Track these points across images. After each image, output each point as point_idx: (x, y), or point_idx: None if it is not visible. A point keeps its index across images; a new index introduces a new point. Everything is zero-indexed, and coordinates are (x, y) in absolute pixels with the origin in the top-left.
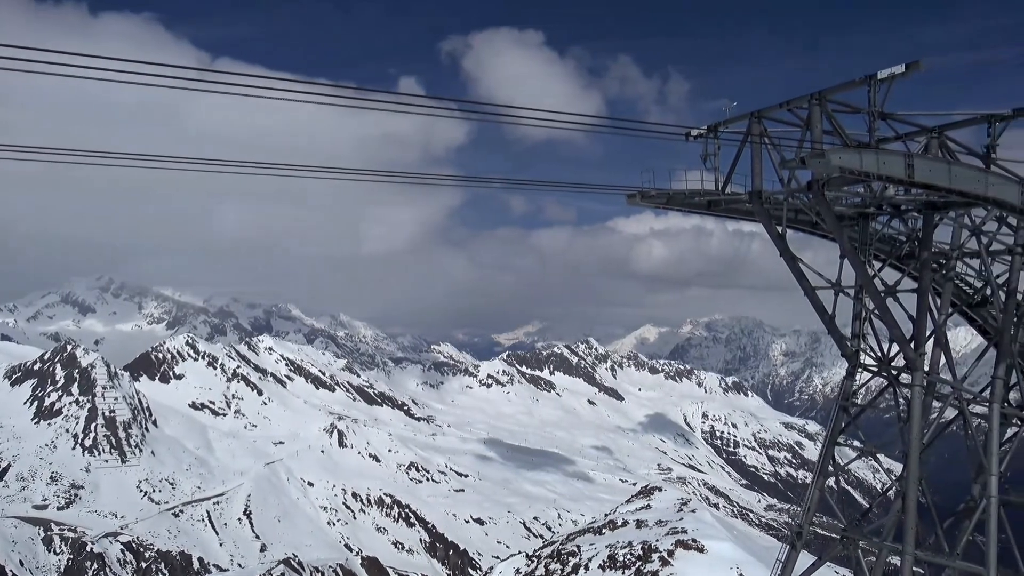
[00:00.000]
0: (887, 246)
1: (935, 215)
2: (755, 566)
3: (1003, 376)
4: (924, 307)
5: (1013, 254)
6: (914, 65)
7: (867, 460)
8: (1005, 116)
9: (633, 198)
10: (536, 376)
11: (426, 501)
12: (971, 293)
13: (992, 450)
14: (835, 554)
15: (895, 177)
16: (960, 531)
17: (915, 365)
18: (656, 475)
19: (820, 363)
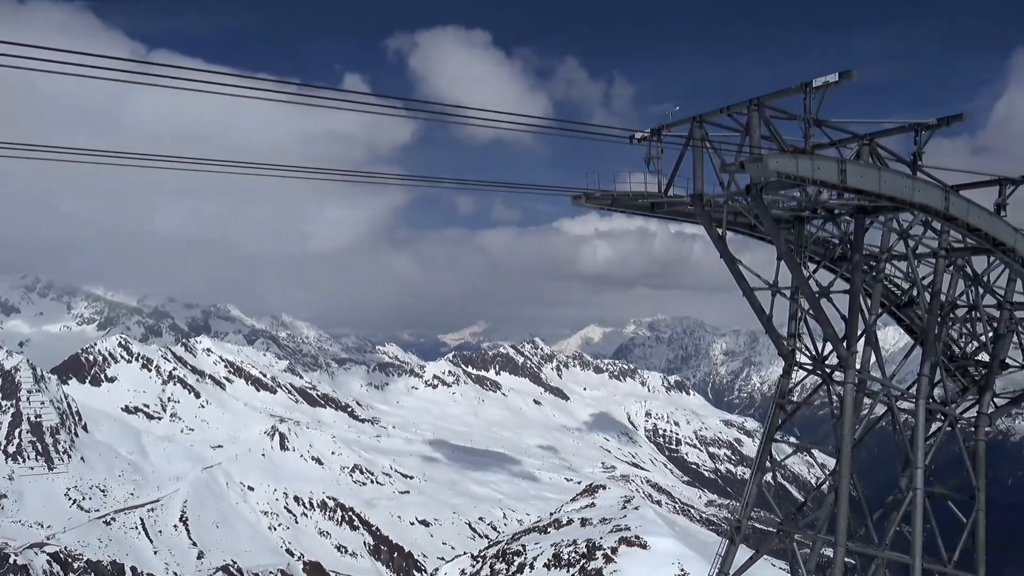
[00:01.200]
0: (821, 248)
1: (866, 219)
2: (696, 561)
3: (928, 374)
4: (855, 307)
5: (937, 257)
6: (847, 74)
7: (802, 456)
8: (930, 125)
9: (578, 199)
10: (482, 376)
11: (370, 503)
12: (899, 294)
13: (918, 444)
14: (772, 547)
15: (829, 182)
16: (889, 522)
17: (847, 363)
18: (600, 473)
19: (758, 362)
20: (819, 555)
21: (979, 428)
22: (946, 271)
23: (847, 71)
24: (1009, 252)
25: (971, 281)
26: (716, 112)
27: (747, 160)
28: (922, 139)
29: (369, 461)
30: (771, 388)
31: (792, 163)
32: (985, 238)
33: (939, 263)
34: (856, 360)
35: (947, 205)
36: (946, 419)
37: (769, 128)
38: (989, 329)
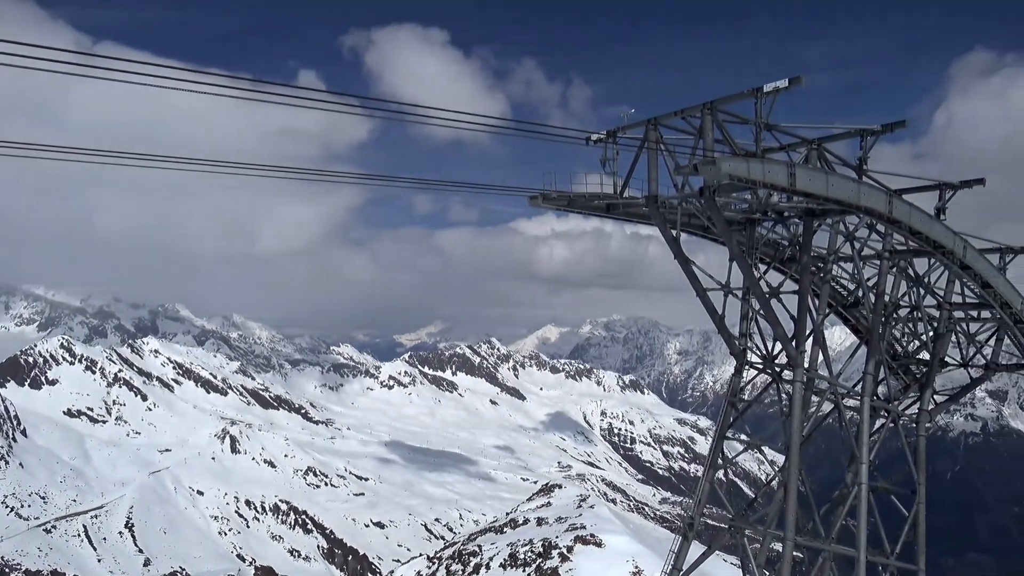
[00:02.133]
0: (771, 250)
1: (814, 221)
2: (650, 558)
3: (872, 372)
4: (804, 308)
5: (881, 259)
6: (796, 80)
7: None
8: (875, 131)
9: (535, 200)
10: (438, 377)
11: (324, 506)
12: (845, 295)
13: (863, 440)
14: (724, 543)
15: (779, 185)
16: (835, 516)
17: (796, 362)
18: (556, 473)
19: (711, 361)
20: (769, 550)
21: (920, 424)
22: (889, 273)
23: (796, 77)
24: (948, 254)
25: (913, 282)
26: (670, 115)
27: (701, 163)
28: (867, 144)
29: (323, 463)
30: (723, 387)
31: (744, 166)
32: (926, 241)
33: (883, 265)
34: (804, 359)
35: (890, 209)
36: (889, 416)
37: (722, 132)
38: (930, 329)
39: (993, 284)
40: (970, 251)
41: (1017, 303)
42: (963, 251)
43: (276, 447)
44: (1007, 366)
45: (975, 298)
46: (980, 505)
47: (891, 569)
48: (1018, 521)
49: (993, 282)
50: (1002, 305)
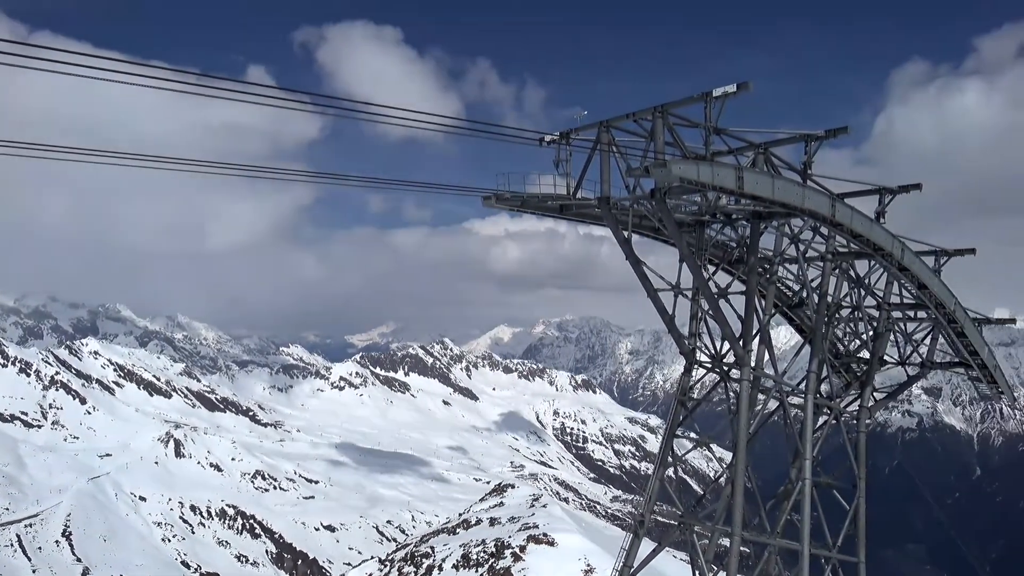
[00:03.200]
0: (720, 251)
1: (761, 224)
2: (602, 556)
3: (816, 370)
4: (751, 308)
5: (825, 260)
6: (744, 85)
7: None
8: (819, 136)
9: (489, 200)
10: (390, 377)
11: (273, 510)
12: (790, 295)
13: (807, 437)
14: (673, 539)
15: (727, 188)
16: (780, 511)
17: (743, 361)
18: (509, 473)
19: (662, 360)
20: (716, 545)
21: (860, 421)
22: (832, 274)
23: (744, 83)
24: (887, 257)
25: (854, 283)
26: (622, 117)
27: (652, 165)
28: (811, 149)
29: (272, 466)
30: (673, 386)
31: (694, 169)
32: (866, 243)
33: (826, 266)
34: (751, 358)
35: (833, 212)
36: (832, 413)
37: (672, 135)
38: (869, 328)
39: (928, 285)
40: (907, 253)
41: (951, 303)
42: (901, 253)
43: (223, 450)
44: (941, 364)
45: (912, 299)
46: (916, 498)
47: (833, 561)
48: (951, 512)
49: (929, 283)
50: (937, 305)
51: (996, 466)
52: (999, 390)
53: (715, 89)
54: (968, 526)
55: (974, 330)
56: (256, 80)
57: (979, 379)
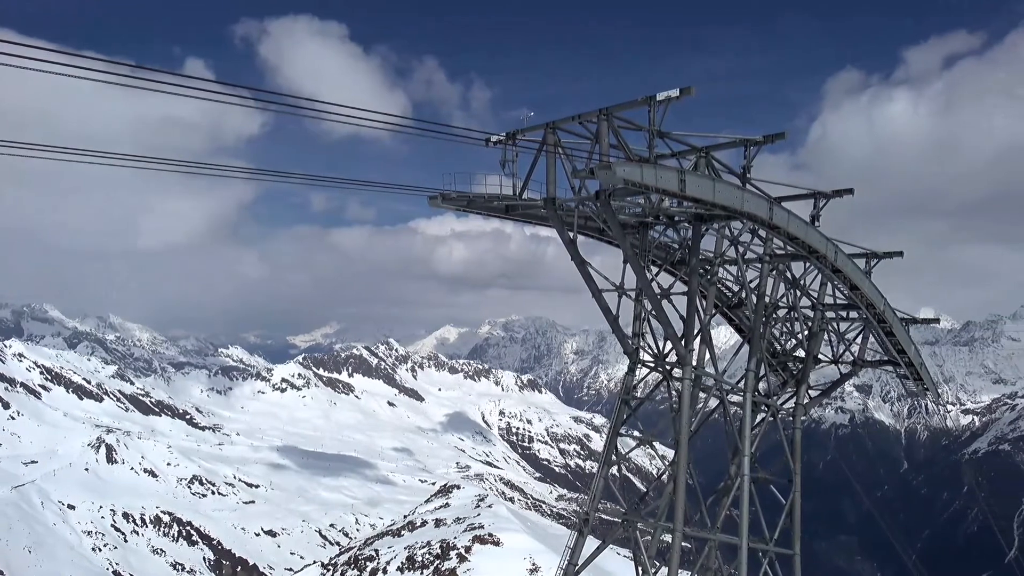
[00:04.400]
0: (663, 253)
1: (702, 226)
2: (547, 554)
3: (754, 369)
4: (693, 308)
5: (763, 262)
6: (686, 90)
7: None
8: (757, 141)
9: (435, 200)
10: (334, 379)
11: (211, 516)
12: (730, 296)
13: (745, 434)
14: (617, 536)
15: (670, 191)
16: (720, 507)
17: (685, 361)
18: (455, 473)
19: (606, 360)
20: (659, 541)
21: (796, 418)
22: (770, 275)
23: (687, 87)
24: (821, 259)
25: (790, 285)
26: (568, 119)
27: (597, 167)
28: (750, 154)
29: (210, 471)
30: (617, 385)
31: (638, 171)
32: (802, 246)
33: (764, 268)
34: (693, 357)
35: (771, 215)
36: (769, 410)
37: (617, 137)
38: (805, 328)
39: (860, 286)
40: (840, 256)
41: (880, 304)
42: (834, 256)
43: (158, 455)
44: (872, 362)
45: (844, 299)
46: (848, 491)
47: (770, 554)
48: (880, 505)
49: (860, 284)
50: (868, 306)
51: (921, 460)
52: (924, 387)
53: (658, 93)
54: (896, 518)
55: (902, 329)
56: (195, 73)
57: (906, 376)
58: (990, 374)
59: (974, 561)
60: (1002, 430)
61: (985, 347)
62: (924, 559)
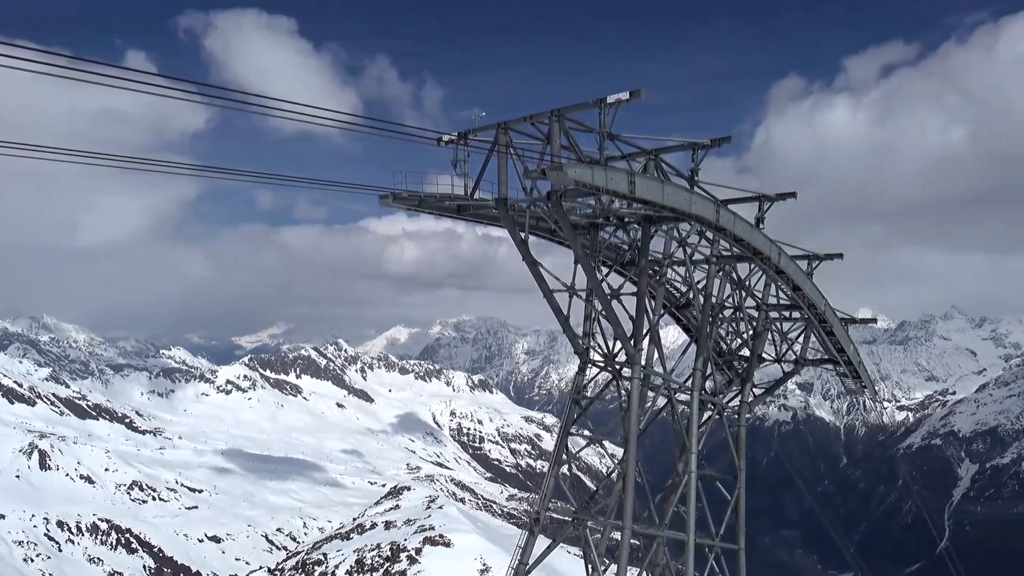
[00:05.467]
0: (613, 254)
1: (651, 227)
2: (498, 554)
3: (701, 368)
4: (642, 308)
5: (710, 263)
6: (636, 93)
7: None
8: (705, 145)
9: (385, 199)
10: (281, 380)
11: (152, 523)
12: (678, 296)
13: (692, 432)
14: (567, 535)
15: (620, 192)
16: (667, 504)
17: (634, 360)
18: (405, 475)
19: (557, 360)
20: (608, 539)
21: (741, 415)
22: (716, 276)
23: (636, 90)
24: (766, 260)
25: (736, 285)
26: (520, 120)
27: (548, 168)
28: (698, 157)
29: (151, 476)
30: (568, 385)
31: (588, 173)
32: (747, 247)
33: (711, 269)
34: (642, 357)
35: (718, 217)
36: (715, 408)
37: (568, 139)
38: (750, 328)
39: (802, 287)
40: (784, 257)
41: (821, 304)
42: (778, 257)
43: (95, 461)
44: (813, 361)
45: (787, 300)
46: (790, 486)
47: (716, 550)
48: (821, 499)
49: (802, 285)
50: (809, 306)
51: (859, 455)
52: (863, 384)
53: (609, 96)
54: (835, 512)
55: (841, 329)
56: (136, 66)
57: (846, 375)
58: (923, 372)
59: (909, 552)
60: (934, 425)
61: (919, 346)
62: (862, 551)
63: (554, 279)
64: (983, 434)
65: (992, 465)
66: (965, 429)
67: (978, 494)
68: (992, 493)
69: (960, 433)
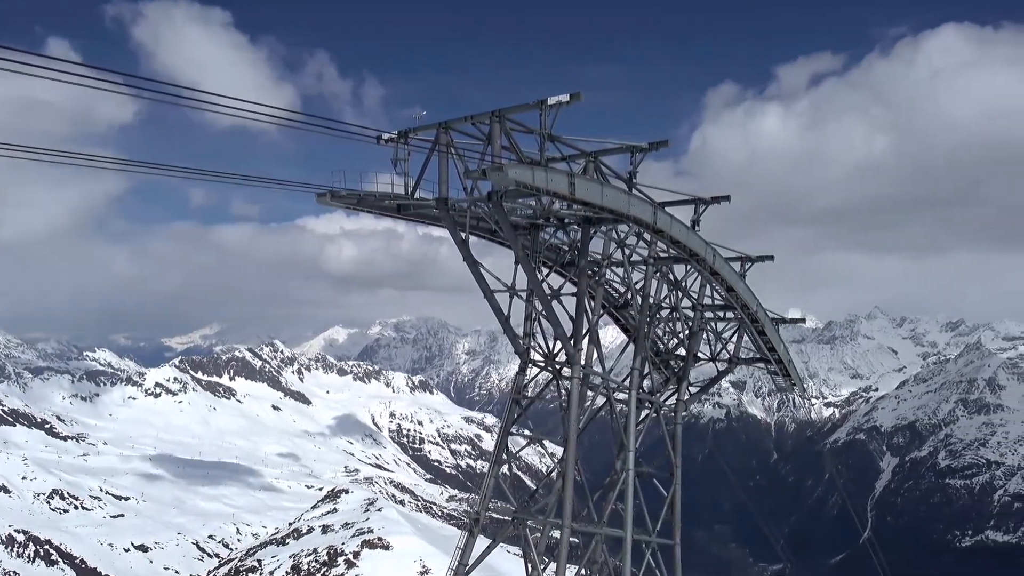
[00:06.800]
0: (553, 254)
1: (591, 228)
2: (437, 556)
3: (639, 367)
4: (581, 309)
5: (647, 264)
6: (576, 96)
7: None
8: (643, 148)
9: (323, 197)
10: (214, 383)
11: (74, 533)
12: (617, 297)
13: (630, 430)
14: (507, 535)
15: (560, 193)
16: (606, 501)
17: (574, 360)
18: (344, 478)
19: (498, 360)
20: (548, 537)
21: (677, 413)
22: (653, 277)
23: (576, 93)
24: (701, 262)
25: (672, 286)
26: (461, 120)
27: (489, 168)
28: (636, 160)
29: (73, 484)
30: (509, 385)
31: (529, 173)
32: (684, 249)
33: (648, 270)
34: (581, 357)
35: (655, 219)
36: (653, 407)
37: (509, 139)
38: (686, 328)
39: (736, 288)
40: (718, 259)
41: (753, 304)
42: (713, 259)
43: (11, 469)
44: (746, 360)
45: (722, 300)
46: (724, 482)
47: (653, 545)
48: (753, 493)
49: (736, 286)
50: (742, 306)
51: (789, 451)
52: (792, 382)
53: (550, 98)
54: (766, 506)
55: (772, 329)
56: (59, 55)
57: (777, 373)
58: (849, 369)
59: (835, 542)
60: (859, 421)
61: (844, 345)
62: (791, 543)
63: (495, 279)
64: (903, 428)
65: (911, 458)
66: (887, 424)
67: (898, 486)
68: (911, 485)
69: (882, 428)
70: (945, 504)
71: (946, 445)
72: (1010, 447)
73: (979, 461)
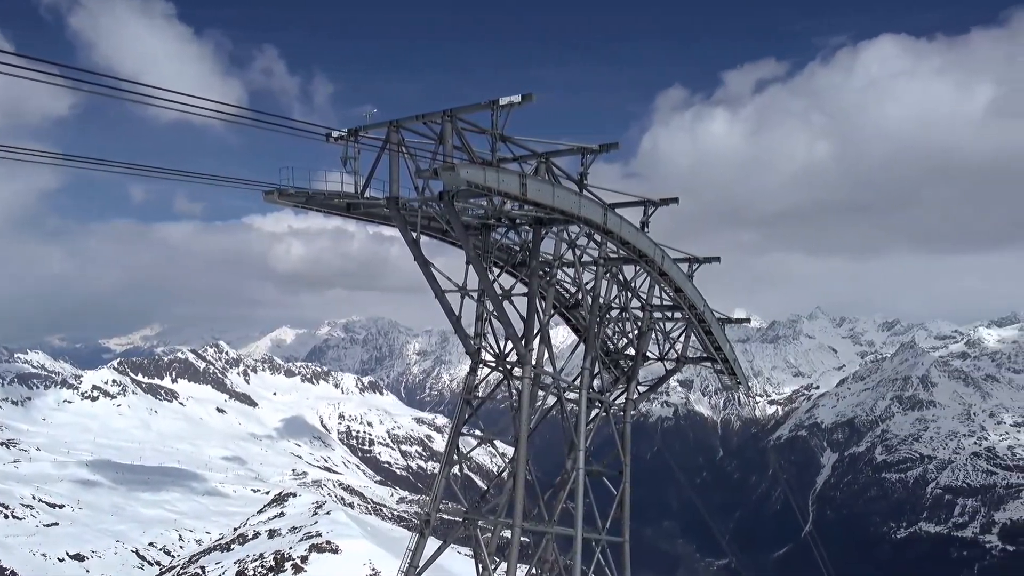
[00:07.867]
0: (504, 255)
1: (542, 229)
2: (387, 558)
3: (589, 367)
4: (532, 309)
5: (598, 265)
6: (528, 97)
7: (486, 447)
8: (594, 150)
9: (271, 195)
10: (155, 385)
11: (4, 543)
12: (567, 297)
13: (581, 429)
14: (458, 535)
15: (511, 193)
16: (556, 500)
17: (525, 360)
18: (291, 481)
19: (449, 360)
20: (499, 537)
21: (626, 412)
22: (604, 278)
23: (528, 94)
24: (650, 263)
25: (622, 287)
26: (412, 119)
27: (441, 168)
28: (587, 161)
29: (3, 492)
30: (460, 385)
31: (480, 174)
32: (633, 250)
33: (599, 270)
34: (533, 357)
35: (605, 220)
36: (603, 406)
37: (460, 139)
38: (635, 328)
39: (683, 289)
40: (667, 260)
41: (700, 305)
42: (661, 260)
43: None
44: (693, 359)
45: (670, 301)
46: (672, 479)
47: (602, 543)
48: (700, 490)
49: (683, 287)
50: (690, 307)
51: (735, 448)
52: (738, 381)
53: (502, 98)
54: (712, 502)
55: (719, 328)
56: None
57: (723, 372)
58: (791, 368)
59: (778, 536)
60: (800, 418)
61: (787, 344)
62: (736, 537)
63: (446, 279)
64: (842, 425)
65: (850, 454)
66: (827, 421)
67: (838, 481)
68: (850, 479)
69: (823, 425)
70: (881, 497)
71: (882, 440)
72: (941, 442)
73: (913, 455)
